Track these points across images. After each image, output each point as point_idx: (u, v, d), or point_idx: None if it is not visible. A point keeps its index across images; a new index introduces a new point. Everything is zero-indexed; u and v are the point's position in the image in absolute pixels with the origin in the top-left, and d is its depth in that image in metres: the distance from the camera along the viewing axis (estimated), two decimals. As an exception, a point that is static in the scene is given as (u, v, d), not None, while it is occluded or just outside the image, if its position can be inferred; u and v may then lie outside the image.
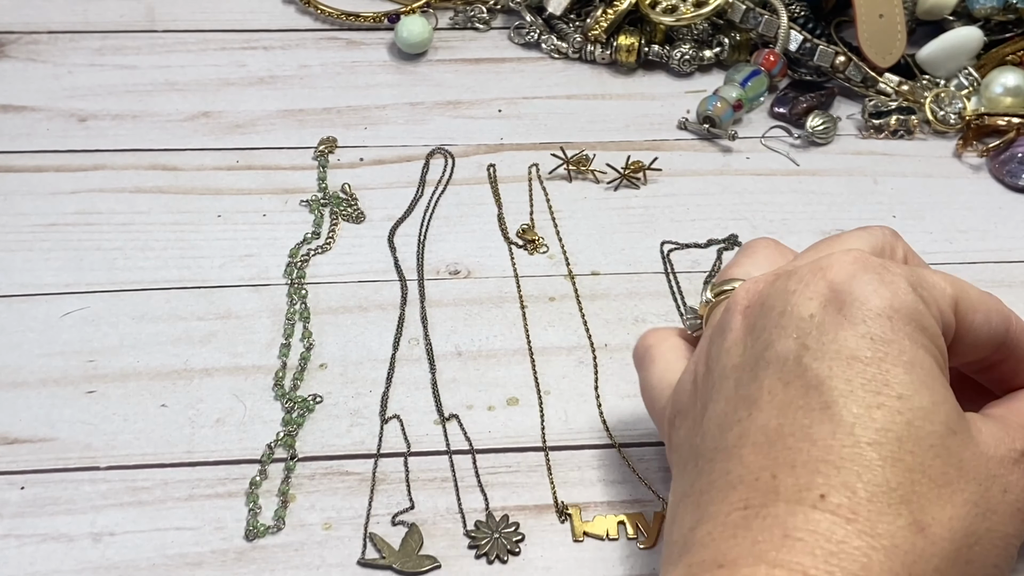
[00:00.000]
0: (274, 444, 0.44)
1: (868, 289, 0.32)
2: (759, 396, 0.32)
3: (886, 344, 0.31)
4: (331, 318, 0.48)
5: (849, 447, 0.29)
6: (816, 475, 0.29)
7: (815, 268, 0.33)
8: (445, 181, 0.55)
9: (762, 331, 0.33)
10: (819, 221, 0.53)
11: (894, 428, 0.30)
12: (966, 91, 0.59)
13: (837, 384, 0.30)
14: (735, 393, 0.32)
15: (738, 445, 0.31)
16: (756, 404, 0.31)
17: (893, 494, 0.29)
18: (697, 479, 0.32)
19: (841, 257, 0.33)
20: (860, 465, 0.29)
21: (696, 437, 0.33)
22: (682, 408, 0.35)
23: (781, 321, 0.32)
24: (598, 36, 0.61)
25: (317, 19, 0.64)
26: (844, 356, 0.31)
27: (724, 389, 0.33)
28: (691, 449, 0.34)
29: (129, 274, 0.50)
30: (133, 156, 0.56)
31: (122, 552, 0.40)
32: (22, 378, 0.46)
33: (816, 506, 0.29)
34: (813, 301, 0.32)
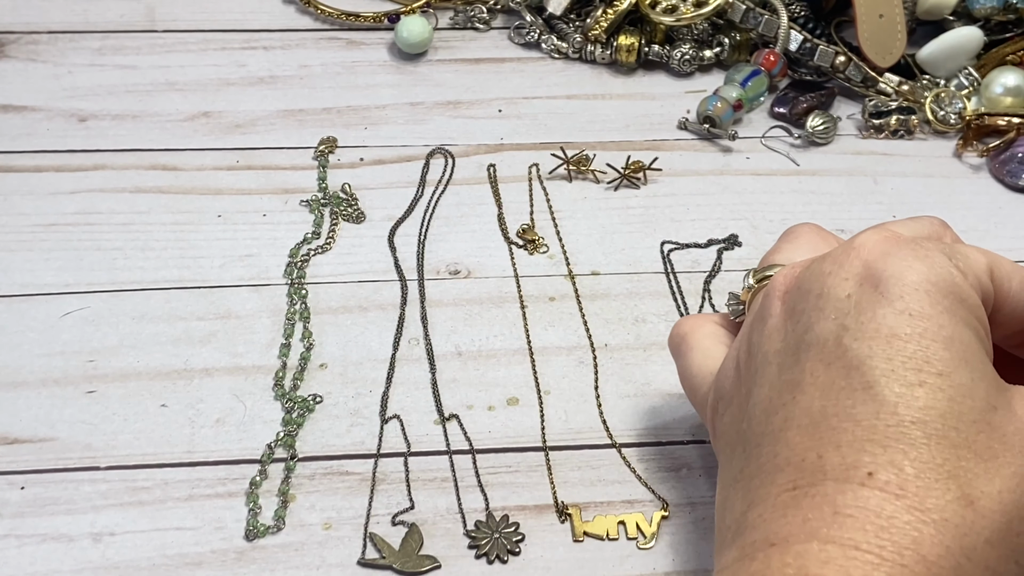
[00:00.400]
0: (274, 444, 0.44)
1: (903, 264, 0.32)
2: (802, 379, 0.32)
3: (925, 319, 0.31)
4: (331, 318, 0.48)
5: (893, 426, 0.30)
6: (862, 454, 0.29)
7: (848, 249, 0.33)
8: (445, 181, 0.55)
9: (801, 314, 0.33)
10: (819, 221, 0.53)
11: (937, 406, 0.30)
12: (966, 91, 0.59)
13: (878, 363, 0.31)
14: (779, 378, 0.33)
15: (784, 428, 0.31)
16: (799, 387, 0.32)
17: (940, 470, 0.29)
18: (746, 464, 0.33)
19: (872, 236, 0.33)
20: (905, 443, 0.29)
21: (742, 423, 0.34)
22: (725, 394, 0.36)
23: (819, 303, 0.33)
24: (598, 36, 0.61)
25: (317, 19, 0.64)
26: (883, 334, 0.31)
27: (767, 374, 0.33)
28: (737, 435, 0.34)
29: (129, 274, 0.50)
30: (133, 156, 0.56)
31: (122, 552, 0.40)
32: (22, 378, 0.46)
33: (864, 484, 0.29)
34: (848, 281, 0.32)
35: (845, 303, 0.32)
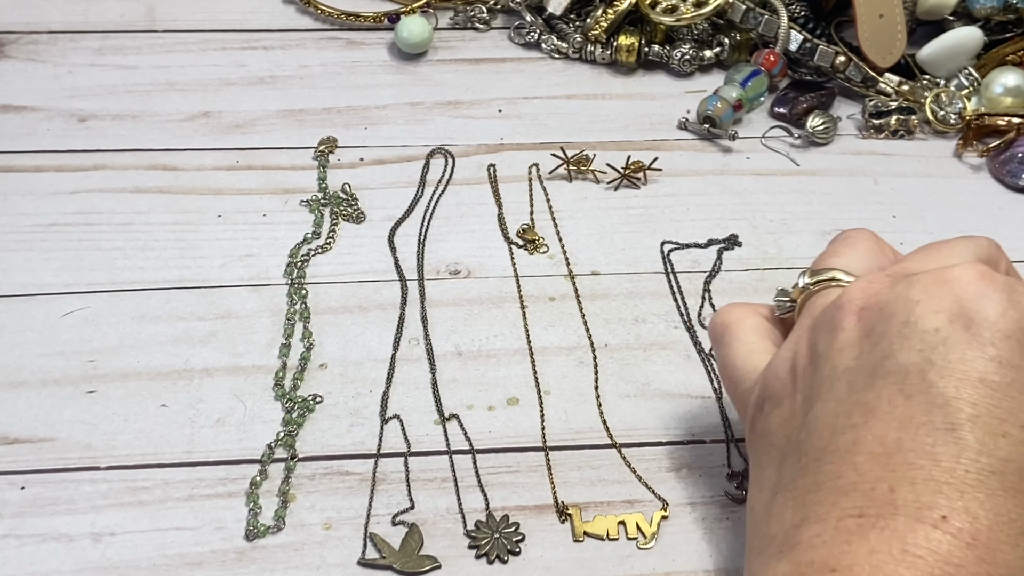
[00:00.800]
0: (274, 444, 0.44)
1: (998, 309, 0.31)
2: (877, 405, 0.31)
3: (1014, 370, 0.30)
4: (331, 318, 0.48)
5: (973, 473, 0.29)
6: (938, 495, 0.29)
7: (940, 280, 0.32)
8: (445, 181, 0.55)
9: (881, 337, 0.32)
10: (819, 221, 0.53)
11: (1017, 459, 0.30)
12: (966, 91, 0.59)
13: (963, 407, 0.30)
14: (849, 397, 0.32)
15: (852, 451, 0.31)
16: (874, 413, 0.31)
17: (1013, 524, 0.29)
18: (800, 476, 0.32)
19: (967, 271, 0.32)
20: (983, 492, 0.29)
21: (798, 431, 0.33)
22: (774, 395, 0.35)
23: (904, 331, 0.32)
24: (598, 36, 0.61)
25: (317, 19, 0.64)
26: (971, 378, 0.30)
27: (836, 390, 0.32)
28: (788, 442, 0.33)
29: (129, 274, 0.50)
30: (133, 156, 0.56)
31: (122, 552, 0.40)
32: (22, 378, 0.45)
33: (937, 526, 0.29)
34: (940, 315, 0.31)
35: (933, 336, 0.31)
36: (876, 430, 0.31)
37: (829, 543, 0.30)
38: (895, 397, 0.31)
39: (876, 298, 0.33)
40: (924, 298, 0.32)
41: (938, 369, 0.31)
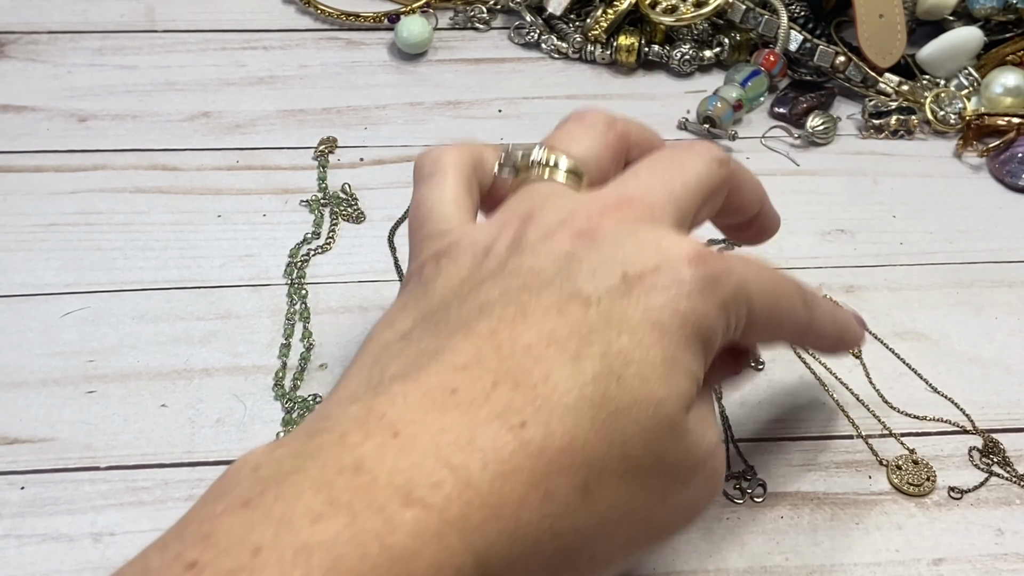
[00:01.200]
0: (274, 444, 0.44)
1: (683, 289, 0.31)
2: (534, 311, 0.30)
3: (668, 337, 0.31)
4: (331, 318, 0.48)
5: (573, 399, 0.29)
6: (529, 406, 0.29)
7: (653, 242, 0.32)
8: (445, 181, 0.55)
9: (580, 263, 0.31)
10: (819, 221, 0.53)
11: (617, 397, 0.30)
12: (966, 91, 0.59)
13: (597, 342, 0.30)
14: (516, 291, 0.31)
15: (484, 338, 0.30)
16: (524, 316, 0.30)
17: (576, 455, 0.29)
18: (430, 337, 0.31)
19: (681, 253, 0.32)
20: (571, 418, 0.29)
21: (456, 299, 0.32)
22: (458, 257, 0.33)
23: (598, 269, 0.31)
24: (598, 36, 0.61)
25: (317, 19, 0.64)
26: (631, 324, 0.30)
27: (510, 280, 0.32)
28: (442, 303, 0.32)
29: (129, 274, 0.50)
30: (133, 156, 0.56)
31: (122, 552, 0.40)
32: (22, 378, 0.46)
33: (512, 431, 0.28)
34: (636, 268, 0.31)
35: (618, 286, 0.31)
36: (517, 330, 0.30)
37: (408, 406, 0.29)
38: (551, 311, 0.30)
39: (597, 229, 0.32)
40: (632, 250, 0.31)
41: (603, 308, 0.30)
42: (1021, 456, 0.44)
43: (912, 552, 0.40)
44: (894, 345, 0.48)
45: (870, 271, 0.51)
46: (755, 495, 0.42)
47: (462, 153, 0.38)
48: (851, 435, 0.44)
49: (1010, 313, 0.49)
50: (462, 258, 0.33)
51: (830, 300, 0.47)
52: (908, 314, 0.49)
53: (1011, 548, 0.40)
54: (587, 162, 0.36)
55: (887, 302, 0.50)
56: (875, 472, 0.43)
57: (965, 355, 0.47)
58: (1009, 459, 0.43)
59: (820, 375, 0.47)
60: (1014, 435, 0.44)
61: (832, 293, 0.50)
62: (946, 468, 0.43)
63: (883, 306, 0.49)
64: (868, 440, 0.44)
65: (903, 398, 0.46)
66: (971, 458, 0.44)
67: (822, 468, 0.43)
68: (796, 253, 0.52)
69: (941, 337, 0.48)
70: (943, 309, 0.49)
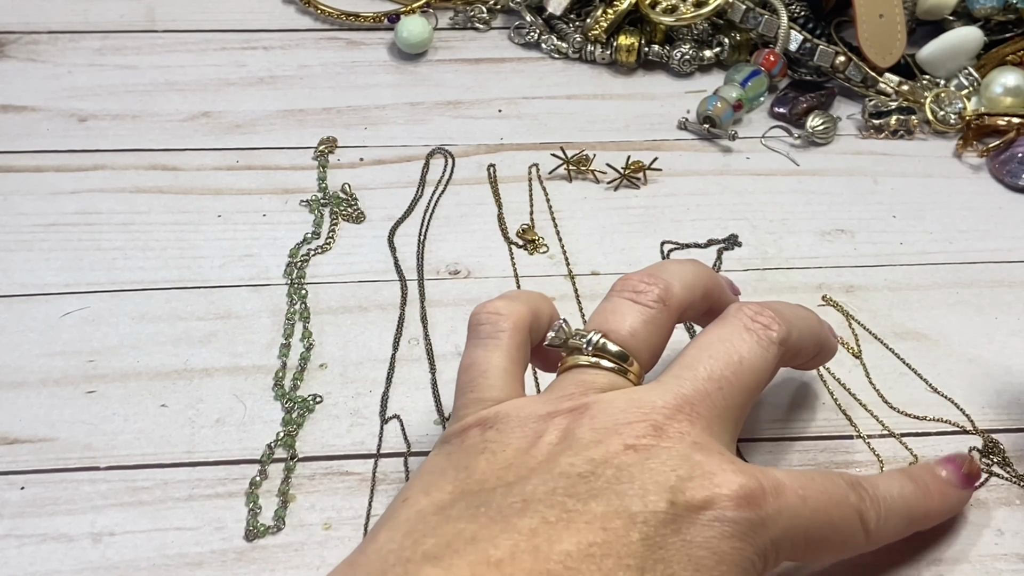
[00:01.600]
0: (274, 444, 0.44)
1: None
2: (576, 520, 0.30)
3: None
4: (331, 318, 0.48)
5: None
6: None
7: (700, 469, 0.32)
8: (445, 181, 0.55)
9: (628, 480, 0.31)
10: (819, 221, 0.53)
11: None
12: (966, 91, 0.59)
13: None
14: (561, 495, 0.31)
15: (525, 536, 0.30)
16: (568, 525, 0.30)
17: None
18: (467, 520, 0.30)
19: (729, 485, 0.32)
20: None
21: (499, 484, 0.32)
22: (505, 434, 0.33)
23: (639, 491, 0.31)
24: (598, 36, 0.61)
25: (317, 19, 0.64)
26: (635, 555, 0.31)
27: (557, 480, 0.31)
28: (483, 482, 0.32)
29: (129, 274, 0.50)
30: (133, 156, 0.56)
31: (122, 552, 0.40)
32: (22, 378, 0.46)
33: None
34: (664, 491, 0.31)
35: (656, 513, 0.31)
36: (558, 536, 0.30)
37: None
38: (594, 523, 0.30)
39: (651, 448, 0.32)
40: (684, 476, 0.31)
41: (646, 533, 0.30)
42: (1021, 456, 0.44)
43: (912, 552, 0.40)
44: (894, 345, 0.48)
45: (870, 271, 0.51)
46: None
47: (521, 316, 0.38)
48: (851, 435, 0.44)
49: (1010, 313, 0.49)
50: (510, 436, 0.33)
51: (916, 476, 0.39)
52: (908, 314, 0.49)
53: (1011, 548, 0.40)
54: (638, 344, 0.36)
55: (887, 302, 0.50)
56: (875, 472, 0.43)
57: (965, 355, 0.47)
58: (1009, 459, 0.43)
59: (820, 375, 0.47)
60: (1014, 435, 0.44)
61: (832, 293, 0.50)
62: (946, 468, 0.43)
63: (883, 306, 0.49)
64: (868, 440, 0.44)
65: (903, 398, 0.46)
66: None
67: (822, 468, 0.43)
68: (796, 253, 0.52)
69: (941, 337, 0.48)
70: (943, 309, 0.49)
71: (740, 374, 0.35)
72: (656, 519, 0.30)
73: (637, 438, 0.32)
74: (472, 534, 0.30)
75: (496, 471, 0.32)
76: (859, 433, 0.44)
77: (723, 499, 0.31)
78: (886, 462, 0.43)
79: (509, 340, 0.37)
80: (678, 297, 0.38)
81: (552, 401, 0.34)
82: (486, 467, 0.32)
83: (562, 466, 0.32)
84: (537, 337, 0.38)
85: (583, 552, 0.29)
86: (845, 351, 0.47)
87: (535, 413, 0.34)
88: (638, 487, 0.31)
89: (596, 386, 0.35)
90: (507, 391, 0.36)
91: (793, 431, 0.44)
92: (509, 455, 0.33)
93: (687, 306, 0.38)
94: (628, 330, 0.36)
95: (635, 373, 0.36)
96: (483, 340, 0.37)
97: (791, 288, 0.50)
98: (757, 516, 0.31)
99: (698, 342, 0.36)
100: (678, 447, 0.32)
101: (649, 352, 0.37)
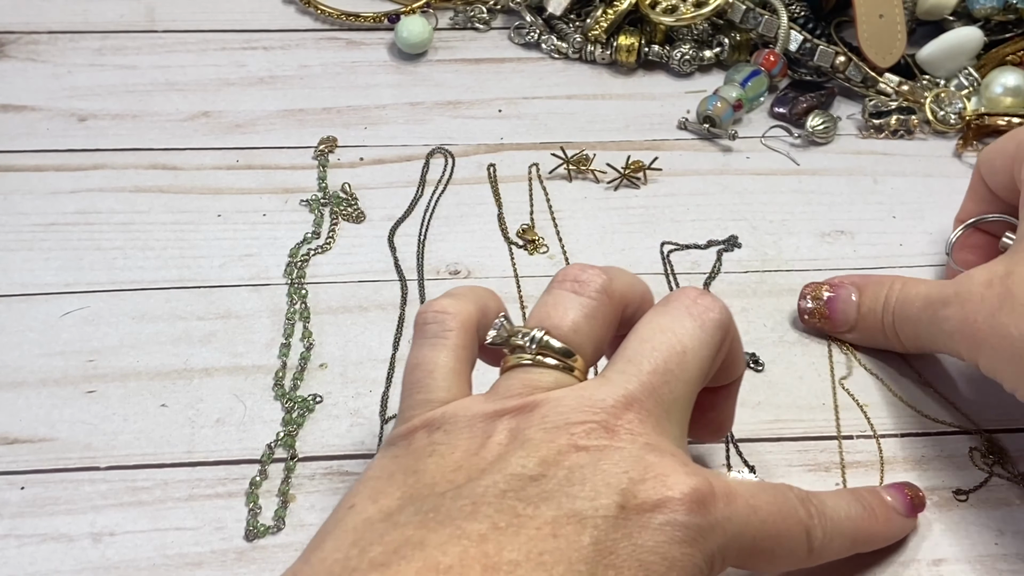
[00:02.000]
0: (274, 444, 0.44)
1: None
2: (525, 525, 0.30)
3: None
4: (331, 318, 0.48)
5: None
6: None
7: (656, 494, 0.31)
8: (445, 181, 0.55)
9: (574, 482, 0.31)
10: (819, 221, 0.53)
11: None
12: (966, 91, 0.59)
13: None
14: (506, 498, 0.30)
15: (470, 542, 0.29)
16: (517, 530, 0.30)
17: None
18: (415, 526, 0.30)
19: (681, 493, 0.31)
20: None
21: (449, 487, 0.31)
22: (452, 436, 0.33)
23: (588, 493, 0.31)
24: (598, 36, 0.61)
25: (317, 19, 0.64)
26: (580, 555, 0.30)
27: (507, 480, 0.31)
28: (432, 485, 0.31)
29: (129, 274, 0.50)
30: (133, 156, 0.56)
31: (122, 552, 0.40)
32: (22, 378, 0.46)
33: None
34: (612, 496, 0.31)
35: (603, 513, 0.31)
36: (508, 543, 0.29)
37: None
38: (544, 530, 0.29)
39: (602, 448, 0.31)
40: (636, 477, 0.31)
41: (596, 536, 0.30)
42: (1021, 456, 0.44)
43: (912, 552, 0.40)
44: (894, 345, 0.48)
45: (870, 272, 0.51)
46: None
47: (468, 314, 0.37)
48: (851, 435, 0.44)
49: (1010, 313, 0.49)
50: (458, 438, 0.33)
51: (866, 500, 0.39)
52: (908, 314, 0.49)
53: (1011, 548, 0.40)
54: (580, 339, 0.35)
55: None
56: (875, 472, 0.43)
57: (965, 355, 0.47)
58: (1009, 459, 0.43)
59: (821, 375, 0.47)
60: (1014, 435, 0.44)
61: (832, 293, 0.50)
62: (946, 468, 0.43)
63: (883, 306, 0.49)
64: (867, 440, 0.44)
65: (903, 398, 0.46)
66: (971, 458, 0.44)
67: (822, 468, 0.43)
68: (796, 254, 0.52)
69: (941, 337, 0.48)
70: (943, 309, 0.49)
71: (685, 364, 0.34)
72: (607, 523, 0.30)
73: (588, 438, 0.31)
74: (420, 539, 0.29)
75: (445, 474, 0.32)
76: (859, 433, 0.44)
77: (675, 502, 0.30)
78: (886, 462, 0.43)
79: (456, 339, 0.36)
80: (620, 290, 0.37)
81: (498, 400, 0.34)
82: (435, 470, 0.32)
83: (512, 467, 0.31)
84: (484, 334, 0.37)
85: (534, 561, 0.29)
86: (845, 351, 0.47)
87: (482, 413, 0.33)
88: (589, 489, 0.30)
89: (541, 385, 0.34)
90: (454, 391, 0.35)
91: (793, 431, 0.44)
92: (458, 457, 0.32)
93: (628, 302, 0.37)
94: (570, 324, 0.35)
95: (580, 369, 0.35)
96: (429, 340, 0.36)
97: (791, 290, 0.50)
98: (707, 521, 0.31)
99: (639, 332, 0.35)
100: (630, 448, 0.31)
101: (593, 346, 0.36)
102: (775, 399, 0.46)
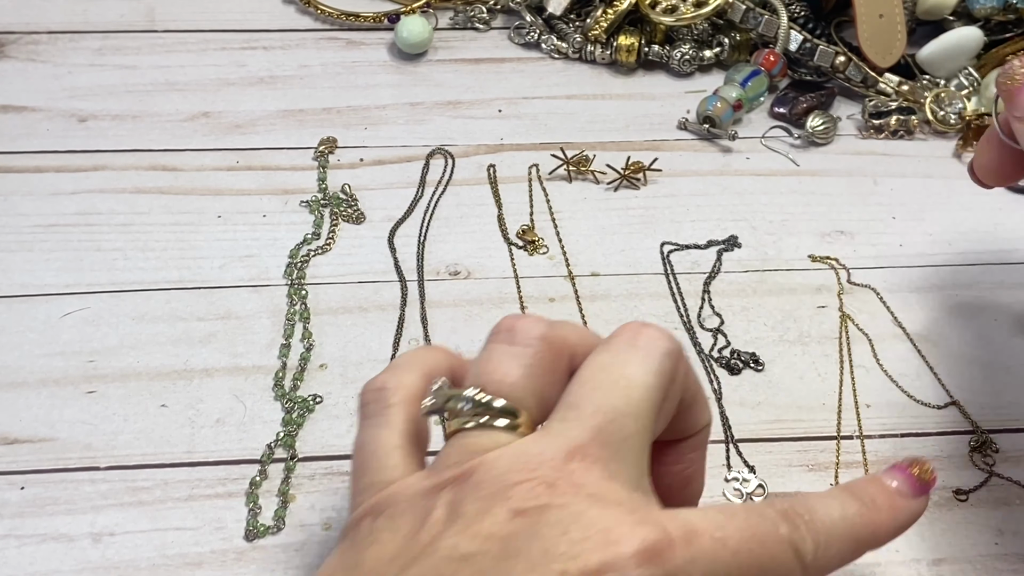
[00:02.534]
0: (274, 444, 0.44)
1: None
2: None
3: None
4: (331, 318, 0.49)
5: None
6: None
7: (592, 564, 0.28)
8: (445, 181, 0.55)
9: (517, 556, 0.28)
10: (819, 221, 0.53)
11: None
12: (966, 91, 0.59)
13: None
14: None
15: None
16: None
17: None
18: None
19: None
20: None
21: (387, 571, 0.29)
22: (395, 521, 0.30)
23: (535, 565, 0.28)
24: (598, 36, 0.61)
25: (317, 19, 0.64)
26: None
27: (444, 566, 0.28)
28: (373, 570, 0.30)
29: (129, 274, 0.50)
30: (133, 156, 0.56)
31: (122, 552, 0.40)
32: (22, 378, 0.46)
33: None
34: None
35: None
36: None
37: None
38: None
39: (541, 510, 0.29)
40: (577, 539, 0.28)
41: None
42: (1021, 456, 0.44)
43: (912, 552, 0.40)
44: (894, 346, 0.48)
45: (870, 273, 0.51)
46: (755, 495, 0.42)
47: (410, 387, 0.34)
48: (851, 435, 0.44)
49: (1010, 314, 0.49)
50: (399, 521, 0.30)
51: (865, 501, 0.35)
52: (908, 315, 0.49)
53: (1011, 548, 0.40)
54: (523, 395, 0.32)
55: (887, 304, 0.50)
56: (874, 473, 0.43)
57: (965, 356, 0.47)
58: (1010, 459, 0.43)
59: (821, 375, 0.47)
60: (1014, 435, 0.44)
61: (832, 295, 0.50)
62: (946, 468, 0.43)
63: (882, 308, 0.49)
64: (867, 440, 0.44)
65: (903, 399, 0.46)
66: (971, 458, 0.44)
67: (822, 468, 0.43)
68: (795, 254, 0.52)
69: (941, 338, 0.48)
70: (943, 310, 0.49)
71: (631, 399, 0.31)
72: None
73: (526, 500, 0.29)
74: None
75: (383, 565, 0.29)
76: (859, 433, 0.44)
77: (622, 559, 0.27)
78: (886, 462, 0.43)
79: (397, 415, 0.34)
80: (564, 335, 0.33)
81: (437, 472, 0.31)
82: (373, 562, 0.30)
83: (443, 550, 0.28)
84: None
85: None
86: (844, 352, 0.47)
87: (422, 489, 0.30)
88: (524, 563, 0.27)
89: (480, 448, 0.31)
90: (401, 469, 0.32)
91: (793, 431, 0.44)
92: (398, 542, 0.30)
93: (575, 351, 0.34)
94: (510, 380, 0.32)
95: (526, 425, 0.32)
96: (370, 419, 0.34)
97: (790, 290, 0.50)
98: (665, 571, 0.28)
99: (580, 375, 0.32)
100: (572, 503, 0.28)
101: (536, 399, 0.32)
102: (775, 399, 0.46)
